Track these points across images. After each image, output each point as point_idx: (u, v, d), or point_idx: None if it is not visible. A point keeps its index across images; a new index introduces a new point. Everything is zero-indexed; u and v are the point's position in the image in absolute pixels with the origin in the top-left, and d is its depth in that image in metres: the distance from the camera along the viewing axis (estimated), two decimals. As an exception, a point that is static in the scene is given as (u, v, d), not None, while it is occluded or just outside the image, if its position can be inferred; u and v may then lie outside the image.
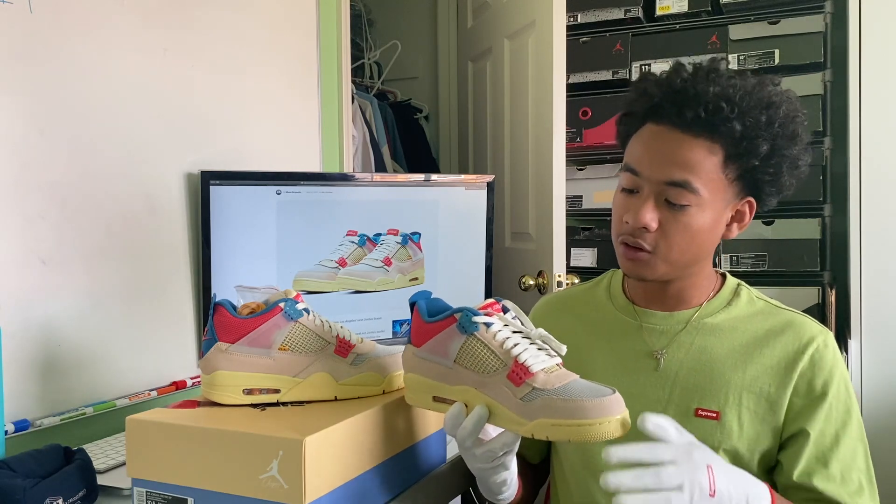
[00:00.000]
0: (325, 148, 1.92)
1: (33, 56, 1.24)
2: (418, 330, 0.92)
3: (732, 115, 0.96)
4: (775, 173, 1.00)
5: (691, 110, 0.97)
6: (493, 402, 0.85)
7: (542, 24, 2.06)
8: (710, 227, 1.00)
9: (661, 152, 0.99)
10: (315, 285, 1.61)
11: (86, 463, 1.03)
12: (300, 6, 1.83)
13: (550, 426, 0.80)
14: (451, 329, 0.88)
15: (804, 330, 1.04)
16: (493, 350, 0.85)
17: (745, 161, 0.98)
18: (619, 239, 1.03)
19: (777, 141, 0.98)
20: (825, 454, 0.98)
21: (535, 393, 0.82)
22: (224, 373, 0.94)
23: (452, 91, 3.01)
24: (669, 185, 0.98)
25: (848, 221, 2.08)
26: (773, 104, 0.98)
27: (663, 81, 1.01)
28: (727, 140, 0.97)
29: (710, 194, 0.98)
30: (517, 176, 2.29)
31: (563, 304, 1.22)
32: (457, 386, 0.88)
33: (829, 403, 0.99)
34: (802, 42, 2.19)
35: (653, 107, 1.01)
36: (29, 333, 1.24)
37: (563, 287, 2.02)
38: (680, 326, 1.07)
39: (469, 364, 0.87)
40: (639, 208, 0.99)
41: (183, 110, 1.52)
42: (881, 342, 2.04)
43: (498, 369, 0.85)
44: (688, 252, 1.01)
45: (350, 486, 0.90)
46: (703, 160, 0.97)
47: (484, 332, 0.86)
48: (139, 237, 1.42)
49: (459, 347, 0.87)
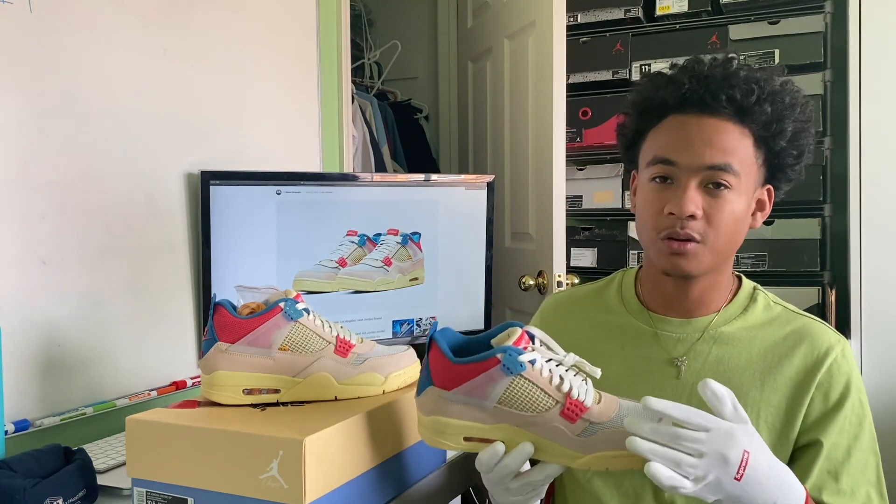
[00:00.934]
0: (325, 148, 1.92)
1: (33, 56, 1.24)
2: (445, 372, 0.85)
3: (763, 96, 0.96)
4: (798, 155, 1.01)
5: (724, 93, 0.96)
6: (540, 440, 0.83)
7: (542, 24, 2.06)
8: (745, 213, 1.00)
9: (697, 138, 0.97)
10: (315, 285, 1.61)
11: (86, 463, 1.03)
12: (300, 6, 1.83)
13: (612, 458, 0.80)
14: (493, 371, 0.82)
15: (822, 339, 1.01)
16: (541, 388, 0.82)
17: (774, 143, 0.99)
18: (662, 234, 0.99)
19: (799, 123, 1.00)
20: (836, 468, 0.96)
21: (593, 427, 0.81)
22: (224, 373, 0.94)
23: (452, 91, 3.01)
24: (711, 169, 0.96)
25: (848, 221, 2.08)
26: (788, 89, 1.00)
27: (687, 70, 1.00)
28: (758, 123, 0.97)
29: (745, 178, 0.98)
30: (517, 176, 2.29)
31: (572, 304, 1.19)
32: (495, 425, 0.84)
33: (843, 416, 0.98)
34: (802, 42, 2.19)
35: (682, 95, 0.99)
36: (29, 333, 1.24)
37: (563, 287, 2.02)
38: (697, 335, 1.04)
39: (514, 405, 0.82)
40: (681, 197, 0.96)
41: (183, 110, 1.52)
42: (881, 342, 2.05)
43: (550, 407, 0.82)
44: (732, 240, 1.00)
45: (350, 486, 0.90)
46: (738, 143, 0.97)
47: (530, 370, 0.82)
48: (139, 237, 1.42)
49: (504, 389, 0.82)
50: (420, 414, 0.88)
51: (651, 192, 1.00)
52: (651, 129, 1.03)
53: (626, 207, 2.49)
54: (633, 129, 1.06)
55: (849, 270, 2.07)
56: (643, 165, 1.03)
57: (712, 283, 1.04)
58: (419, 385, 0.88)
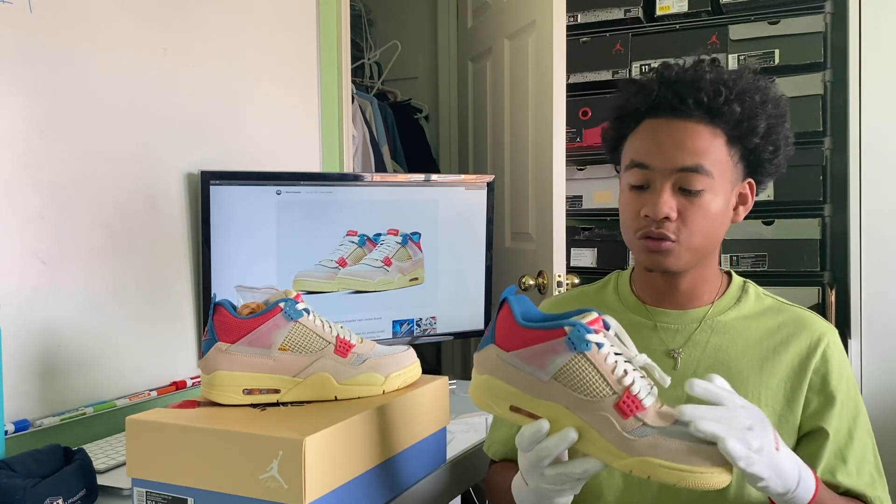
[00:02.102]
0: (325, 148, 1.92)
1: (33, 56, 1.24)
2: (510, 333, 0.83)
3: (731, 97, 0.99)
4: (775, 150, 1.04)
5: (691, 96, 0.99)
6: (587, 427, 0.80)
7: (542, 24, 2.06)
8: (723, 210, 1.02)
9: (668, 141, 1.00)
10: (315, 285, 1.61)
11: (86, 463, 1.03)
12: (300, 6, 1.83)
13: (657, 466, 0.76)
14: (557, 342, 0.80)
15: (814, 327, 1.06)
16: (602, 374, 0.79)
17: (747, 141, 1.01)
18: (639, 234, 1.03)
19: (772, 119, 1.02)
20: (842, 451, 1.01)
21: (645, 429, 0.78)
22: (224, 373, 0.94)
23: (452, 91, 3.01)
24: (683, 171, 0.99)
25: (848, 221, 2.08)
26: (759, 87, 1.03)
27: (657, 76, 1.04)
28: (728, 122, 1.00)
29: (720, 177, 1.00)
30: (517, 176, 2.29)
31: (571, 303, 1.20)
32: (545, 401, 0.81)
33: (841, 400, 1.02)
34: (802, 42, 2.19)
35: (652, 101, 1.02)
36: (29, 333, 1.24)
37: (563, 287, 2.02)
38: (694, 325, 1.07)
39: (570, 383, 0.80)
40: (655, 200, 1.00)
41: (183, 110, 1.52)
42: (881, 342, 2.05)
43: (606, 395, 0.79)
44: (709, 237, 1.03)
45: (350, 486, 0.90)
46: (710, 144, 1.00)
47: (595, 352, 0.79)
48: (139, 237, 1.42)
49: (564, 364, 0.79)
50: (475, 371, 0.85)
51: (628, 197, 1.05)
52: (629, 133, 1.06)
53: (626, 207, 2.49)
54: (613, 135, 1.11)
55: (849, 270, 2.07)
56: (623, 169, 1.08)
57: (700, 277, 1.08)
58: (481, 342, 0.85)
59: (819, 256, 2.15)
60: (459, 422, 1.38)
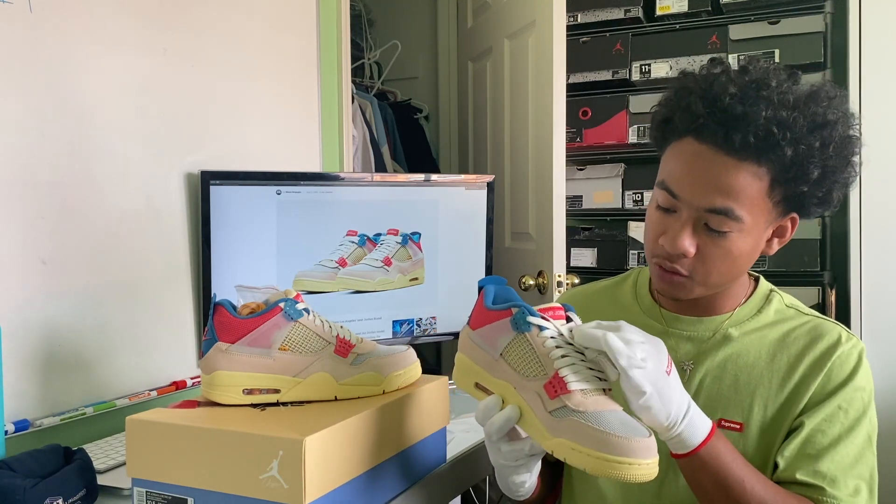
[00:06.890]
0: (325, 148, 1.92)
1: (33, 56, 1.24)
2: (479, 314, 0.89)
3: (784, 141, 0.88)
4: (826, 195, 0.94)
5: (739, 133, 0.89)
6: (525, 407, 0.84)
7: (542, 24, 2.06)
8: (752, 249, 0.96)
9: (702, 176, 0.91)
10: (315, 285, 1.61)
11: (86, 463, 1.03)
12: (300, 6, 1.83)
13: (570, 449, 0.78)
14: (504, 322, 0.86)
15: (830, 338, 1.01)
16: (538, 355, 0.83)
17: (793, 186, 0.91)
18: (654, 260, 0.99)
19: (829, 164, 0.90)
20: (819, 452, 0.95)
21: (566, 411, 0.80)
22: (224, 373, 0.94)
23: (452, 91, 3.01)
24: (710, 212, 0.92)
25: (848, 221, 2.08)
26: (827, 123, 0.90)
27: (708, 97, 0.92)
28: (776, 165, 0.90)
29: (753, 219, 0.93)
30: (517, 176, 2.29)
31: (586, 298, 1.19)
32: (498, 379, 0.86)
33: (835, 404, 0.97)
34: (802, 42, 2.19)
35: (697, 126, 0.92)
36: (29, 333, 1.24)
37: (563, 287, 2.02)
38: (708, 334, 1.04)
39: (512, 362, 0.85)
40: (676, 233, 0.94)
41: (183, 110, 1.52)
42: (881, 342, 2.05)
43: (537, 376, 0.83)
44: (727, 275, 0.98)
45: (350, 486, 0.90)
46: (748, 186, 0.90)
47: (535, 334, 0.84)
48: (139, 237, 1.42)
49: (508, 343, 0.85)
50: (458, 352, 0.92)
51: (653, 215, 1.00)
52: (672, 140, 0.98)
53: (626, 207, 2.49)
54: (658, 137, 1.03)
55: (849, 270, 2.07)
56: (657, 178, 1.00)
57: (721, 293, 1.04)
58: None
59: (819, 256, 2.15)
60: (459, 421, 1.38)
